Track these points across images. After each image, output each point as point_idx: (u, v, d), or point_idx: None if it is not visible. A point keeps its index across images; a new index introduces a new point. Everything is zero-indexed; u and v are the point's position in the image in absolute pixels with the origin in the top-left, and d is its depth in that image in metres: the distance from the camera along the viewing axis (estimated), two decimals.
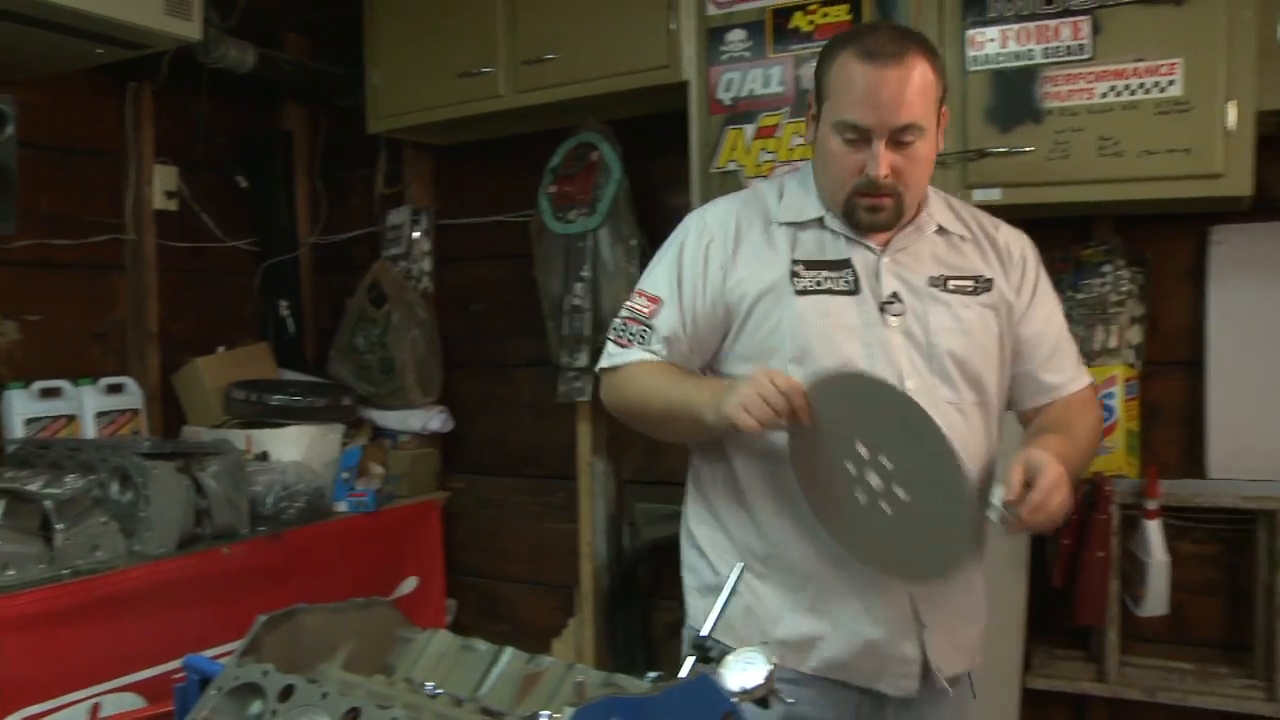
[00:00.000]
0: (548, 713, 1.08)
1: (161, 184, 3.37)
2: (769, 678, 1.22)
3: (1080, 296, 2.63)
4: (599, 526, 3.27)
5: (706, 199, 2.72)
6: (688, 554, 1.96)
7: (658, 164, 3.10)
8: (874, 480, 1.60)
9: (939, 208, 1.87)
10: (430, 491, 3.57)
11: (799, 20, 2.60)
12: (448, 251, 3.66)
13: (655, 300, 1.85)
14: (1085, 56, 2.32)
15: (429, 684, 1.28)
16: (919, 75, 1.68)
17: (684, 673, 1.27)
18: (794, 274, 1.78)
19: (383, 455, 3.47)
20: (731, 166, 2.68)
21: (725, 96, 2.69)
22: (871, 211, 1.75)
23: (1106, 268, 2.62)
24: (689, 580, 1.95)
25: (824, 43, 2.54)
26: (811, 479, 1.66)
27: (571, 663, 1.13)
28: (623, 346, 1.87)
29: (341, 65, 3.55)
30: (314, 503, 3.10)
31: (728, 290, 1.81)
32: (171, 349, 3.42)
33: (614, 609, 3.27)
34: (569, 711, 1.01)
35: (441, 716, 1.13)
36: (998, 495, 1.59)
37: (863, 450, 1.61)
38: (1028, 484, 1.58)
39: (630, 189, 3.06)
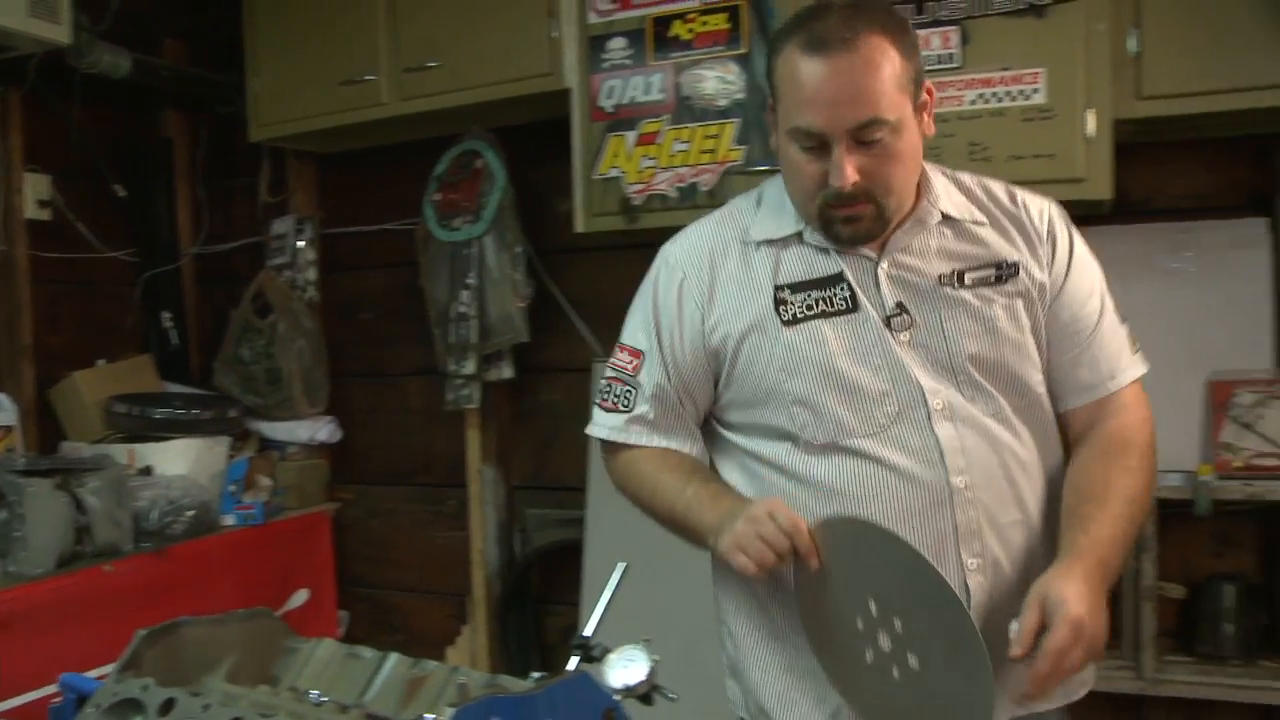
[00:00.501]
0: (432, 715, 1.09)
1: (33, 193, 3.27)
2: (650, 674, 1.25)
3: None
4: (490, 533, 3.28)
5: (589, 206, 2.76)
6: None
7: (541, 171, 3.12)
8: (884, 642, 1.39)
9: (944, 191, 1.60)
10: (319, 503, 3.54)
11: (678, 29, 2.64)
12: (333, 260, 3.63)
13: (637, 354, 1.65)
14: (954, 65, 2.39)
15: (314, 692, 1.28)
16: (877, 59, 1.41)
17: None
18: (779, 301, 1.55)
19: (270, 467, 3.43)
20: (613, 173, 2.71)
21: (607, 104, 2.72)
22: (849, 223, 1.50)
23: None
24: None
25: (703, 51, 2.62)
26: (815, 621, 1.48)
27: (456, 666, 1.14)
28: (608, 410, 1.67)
29: (221, 72, 3.50)
30: (201, 517, 3.05)
31: (708, 334, 1.60)
32: (48, 363, 3.32)
33: (506, 615, 3.28)
34: (450, 712, 1.03)
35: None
36: (1013, 639, 1.36)
37: (873, 607, 1.40)
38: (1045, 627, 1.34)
39: (515, 196, 3.06)
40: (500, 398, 3.29)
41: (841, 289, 1.54)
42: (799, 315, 1.54)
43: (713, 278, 1.60)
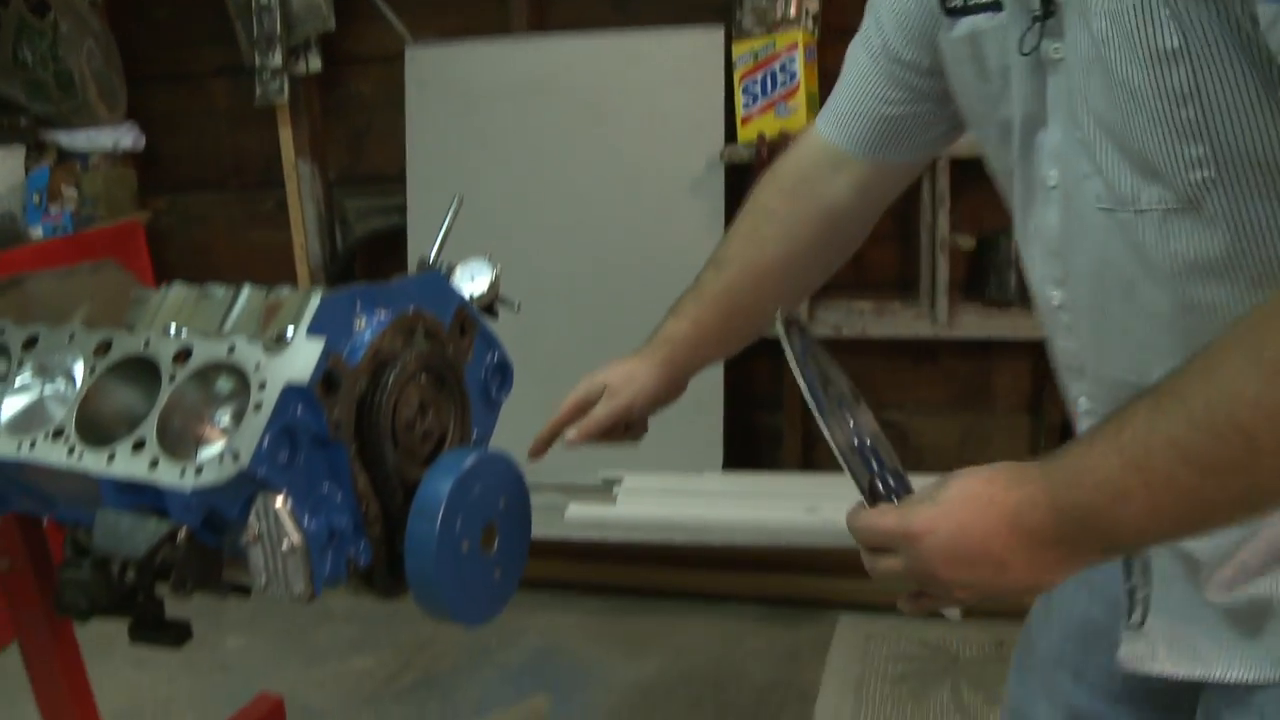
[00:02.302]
0: (291, 326, 1.16)
1: None
2: (494, 284, 1.35)
3: None
4: (310, 229, 3.29)
5: None
6: None
7: None
8: None
9: None
10: (130, 213, 3.45)
11: None
12: None
13: None
14: None
15: (172, 328, 1.33)
16: None
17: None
18: None
19: (74, 177, 3.31)
20: None
21: None
22: None
23: None
24: None
25: None
26: None
27: (312, 288, 1.21)
28: None
29: None
30: (5, 226, 2.97)
31: None
32: None
33: None
34: (317, 297, 1.10)
35: (195, 339, 1.20)
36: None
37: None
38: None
39: None
40: (310, 91, 3.22)
41: None
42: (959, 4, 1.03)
43: None
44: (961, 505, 0.81)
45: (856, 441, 1.00)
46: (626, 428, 1.35)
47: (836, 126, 1.22)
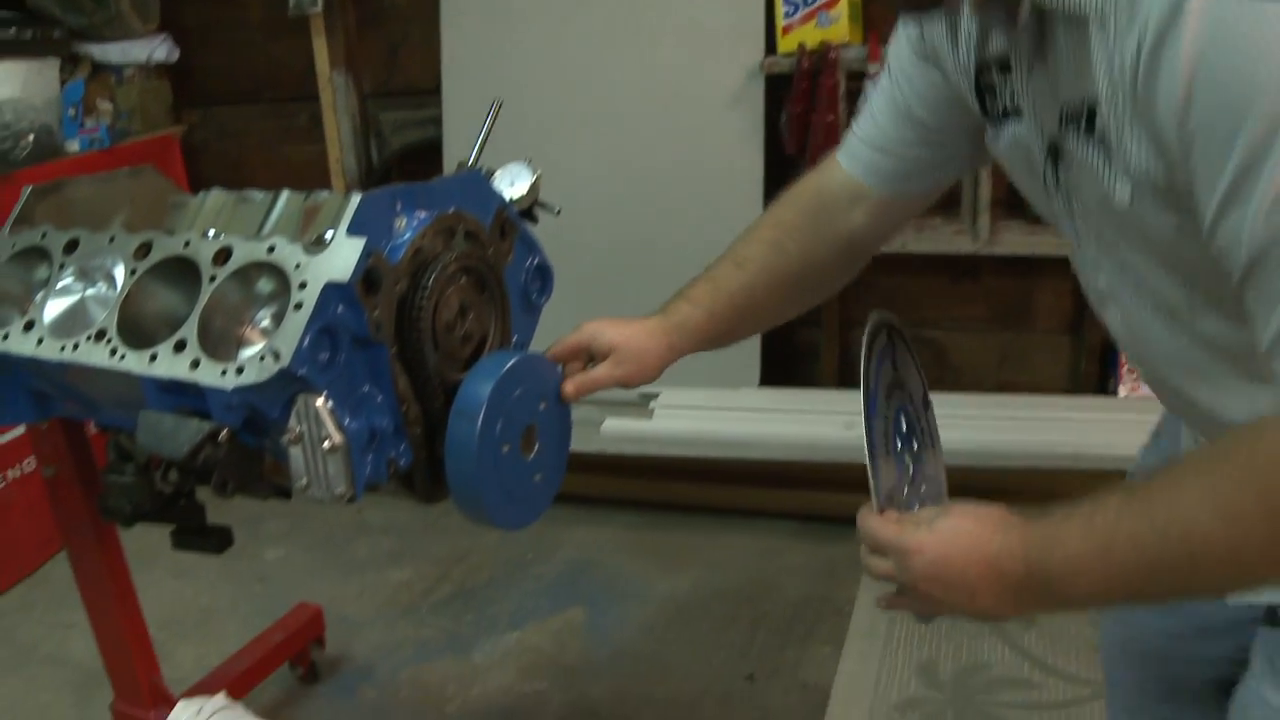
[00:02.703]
0: (331, 229, 1.15)
1: None
2: (533, 188, 1.33)
3: None
4: (345, 143, 3.26)
5: None
6: None
7: None
8: None
9: None
10: (165, 126, 3.44)
11: None
12: None
13: None
14: None
15: (210, 232, 1.32)
16: None
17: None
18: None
19: (109, 90, 3.30)
20: None
21: None
22: (976, 4, 0.96)
23: None
24: None
25: None
26: None
27: (351, 191, 1.19)
28: None
29: None
30: (42, 140, 2.96)
31: None
32: None
33: None
34: (356, 198, 1.09)
35: (234, 240, 1.19)
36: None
37: None
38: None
39: None
40: (344, 2, 3.18)
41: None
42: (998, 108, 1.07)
43: None
44: (953, 537, 0.94)
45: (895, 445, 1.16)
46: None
47: (857, 162, 1.24)
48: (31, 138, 2.92)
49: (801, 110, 2.72)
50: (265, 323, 1.17)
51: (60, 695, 2.41)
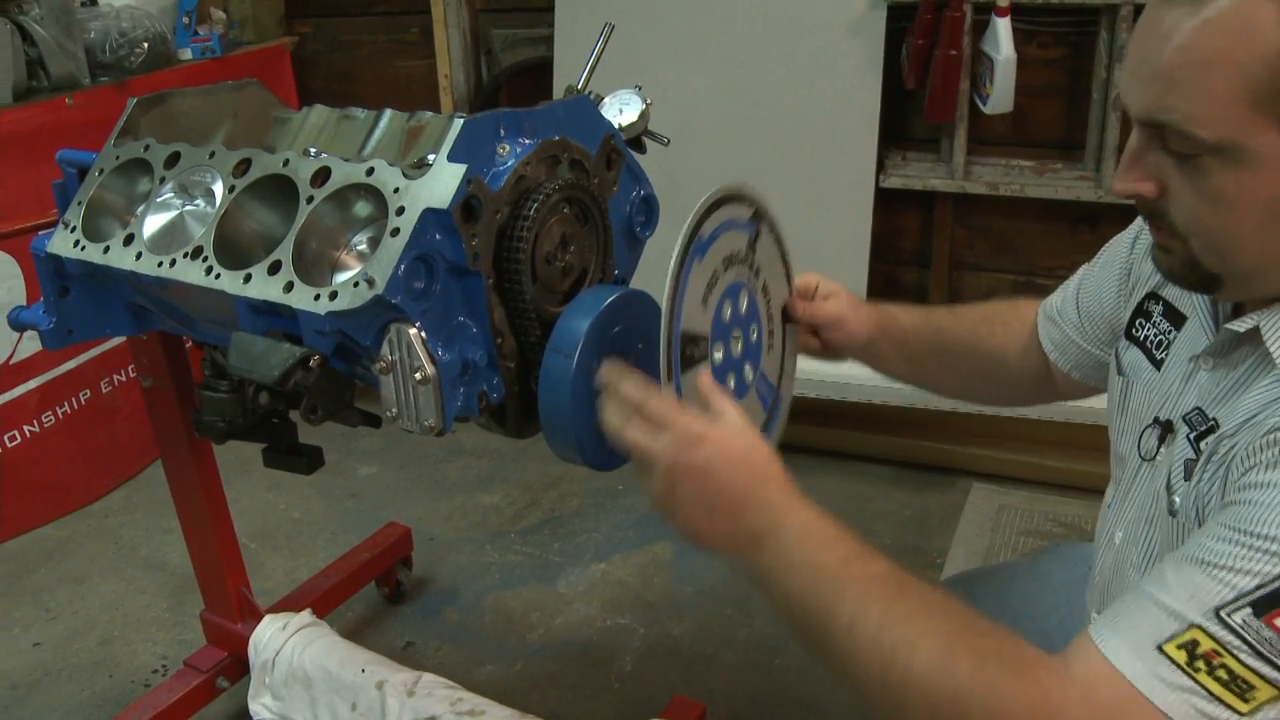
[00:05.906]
0: (433, 153, 1.12)
1: None
2: (643, 116, 1.28)
3: None
4: (456, 58, 3.21)
5: None
6: None
7: None
8: None
9: None
10: (277, 37, 3.43)
11: None
12: None
13: None
14: None
15: (312, 150, 1.30)
16: (1221, 29, 0.80)
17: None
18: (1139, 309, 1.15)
19: (223, 0, 3.31)
20: None
21: None
22: (1157, 249, 0.97)
23: None
24: None
25: None
26: None
27: (454, 113, 1.15)
28: None
29: None
30: (156, 49, 2.97)
31: None
32: None
33: None
34: (458, 123, 1.05)
35: (334, 161, 1.16)
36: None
37: None
38: None
39: None
40: None
41: (1172, 334, 1.09)
42: (1139, 336, 1.16)
43: None
44: (742, 450, 0.95)
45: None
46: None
47: (1057, 349, 1.35)
48: (146, 46, 2.94)
49: (925, 43, 2.61)
50: (361, 246, 1.14)
51: (156, 599, 2.46)
